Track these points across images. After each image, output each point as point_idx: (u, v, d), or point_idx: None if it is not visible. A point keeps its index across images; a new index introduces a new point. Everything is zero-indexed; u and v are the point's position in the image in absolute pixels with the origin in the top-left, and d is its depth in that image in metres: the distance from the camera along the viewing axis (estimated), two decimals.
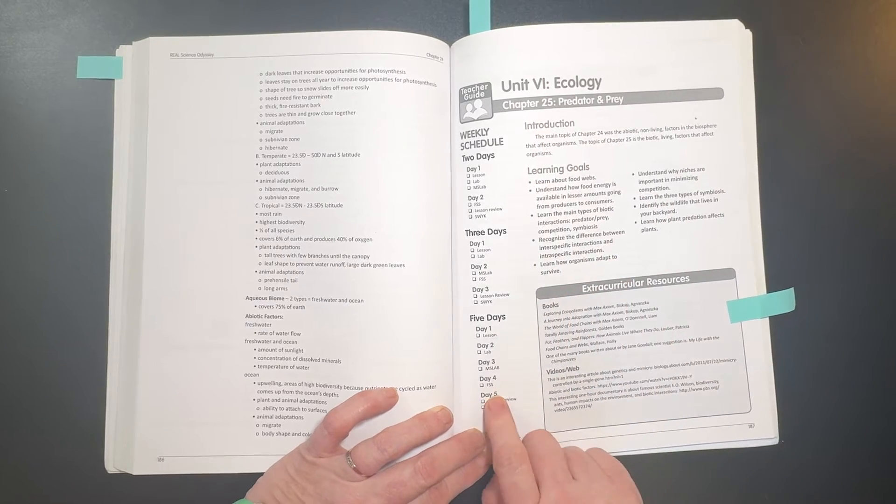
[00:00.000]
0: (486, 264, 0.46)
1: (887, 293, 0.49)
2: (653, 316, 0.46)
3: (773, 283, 0.48)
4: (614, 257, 0.46)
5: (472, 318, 0.46)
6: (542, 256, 0.46)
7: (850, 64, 0.50)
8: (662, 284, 0.47)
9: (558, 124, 0.46)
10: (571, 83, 0.46)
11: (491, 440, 0.43)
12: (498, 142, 0.46)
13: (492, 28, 0.48)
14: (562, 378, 0.46)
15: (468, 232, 0.46)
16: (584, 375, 0.46)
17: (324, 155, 0.46)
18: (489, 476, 0.46)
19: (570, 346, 0.46)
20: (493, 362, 0.46)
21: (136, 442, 0.46)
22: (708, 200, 0.47)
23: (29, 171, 0.48)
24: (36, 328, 0.48)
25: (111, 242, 0.48)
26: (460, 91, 0.47)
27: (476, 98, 0.46)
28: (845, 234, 0.49)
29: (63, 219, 0.48)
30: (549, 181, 0.46)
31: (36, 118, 0.49)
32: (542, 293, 0.46)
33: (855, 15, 0.50)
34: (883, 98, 0.50)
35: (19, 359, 0.48)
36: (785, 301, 0.48)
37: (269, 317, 0.46)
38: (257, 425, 0.46)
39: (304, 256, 0.46)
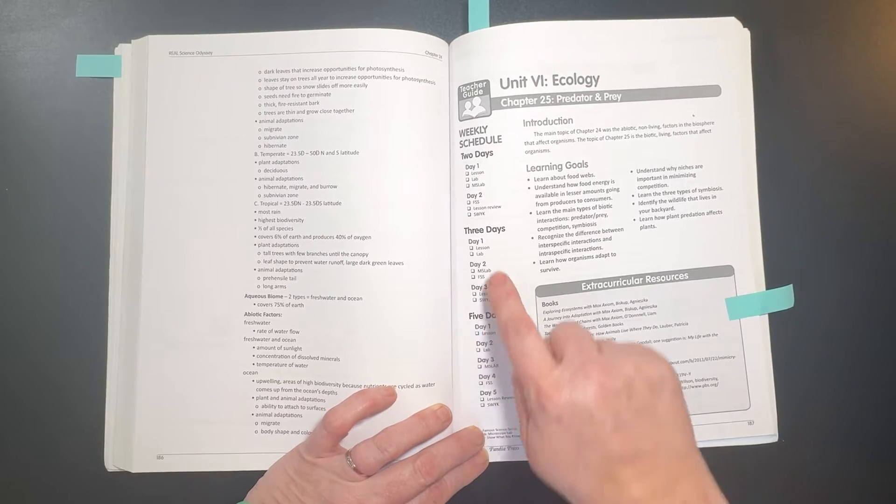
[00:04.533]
0: (484, 262, 0.46)
1: (886, 289, 0.49)
2: (651, 313, 0.46)
3: (772, 280, 0.48)
4: (613, 255, 0.46)
5: (472, 315, 0.46)
6: (541, 254, 0.46)
7: (849, 62, 0.50)
8: (661, 282, 0.46)
9: (557, 122, 0.46)
10: (570, 80, 0.46)
11: (496, 312, 0.41)
12: (496, 139, 0.46)
13: (491, 25, 0.48)
14: None
15: (467, 230, 0.46)
16: None
17: (322, 153, 0.46)
18: (488, 474, 0.46)
19: None
20: (493, 360, 0.46)
21: (135, 440, 0.46)
22: (706, 198, 0.47)
23: (29, 170, 0.49)
24: (35, 326, 0.48)
25: (110, 240, 0.48)
26: (459, 89, 0.47)
27: (474, 96, 0.46)
28: (844, 231, 0.49)
29: (62, 217, 0.48)
30: (547, 179, 0.46)
31: (36, 117, 0.49)
32: (542, 291, 0.46)
33: (855, 14, 0.50)
34: (882, 96, 0.50)
35: (19, 357, 0.48)
36: (784, 298, 0.48)
37: (267, 315, 0.46)
38: (256, 423, 0.46)
39: (303, 254, 0.46)
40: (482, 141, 0.46)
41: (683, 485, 0.33)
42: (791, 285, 0.48)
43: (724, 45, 0.48)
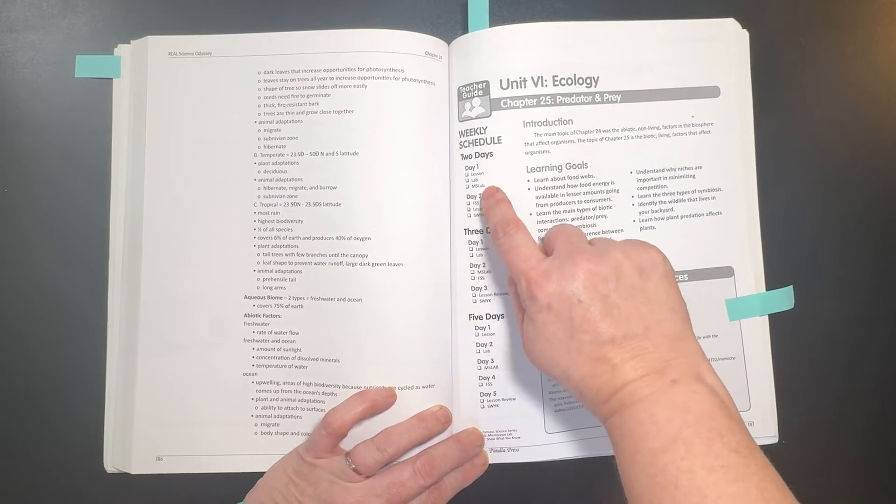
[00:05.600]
0: (484, 262, 0.46)
1: (886, 290, 0.49)
2: None
3: (772, 281, 0.48)
4: None
5: (471, 316, 0.46)
6: None
7: (849, 63, 0.50)
8: None
9: (556, 122, 0.46)
10: (569, 81, 0.46)
11: (487, 220, 0.43)
12: (496, 140, 0.46)
13: (490, 26, 0.48)
14: None
15: (466, 231, 0.46)
16: None
17: (322, 154, 0.46)
18: (489, 474, 0.45)
19: None
20: (493, 361, 0.46)
21: (134, 441, 0.46)
22: (706, 199, 0.47)
23: (28, 171, 0.49)
24: (35, 327, 0.48)
25: (110, 241, 0.48)
26: (459, 90, 0.47)
27: (474, 96, 0.46)
28: (844, 232, 0.49)
29: (62, 218, 0.48)
30: (547, 179, 0.46)
31: (35, 118, 0.49)
32: None
33: (855, 15, 0.50)
34: (882, 97, 0.50)
35: (18, 358, 0.48)
36: (784, 299, 0.47)
37: (267, 316, 0.46)
38: (256, 425, 0.46)
39: (303, 255, 0.46)
40: (482, 142, 0.46)
41: (675, 365, 0.33)
42: (791, 286, 0.48)
43: (724, 47, 0.48)
